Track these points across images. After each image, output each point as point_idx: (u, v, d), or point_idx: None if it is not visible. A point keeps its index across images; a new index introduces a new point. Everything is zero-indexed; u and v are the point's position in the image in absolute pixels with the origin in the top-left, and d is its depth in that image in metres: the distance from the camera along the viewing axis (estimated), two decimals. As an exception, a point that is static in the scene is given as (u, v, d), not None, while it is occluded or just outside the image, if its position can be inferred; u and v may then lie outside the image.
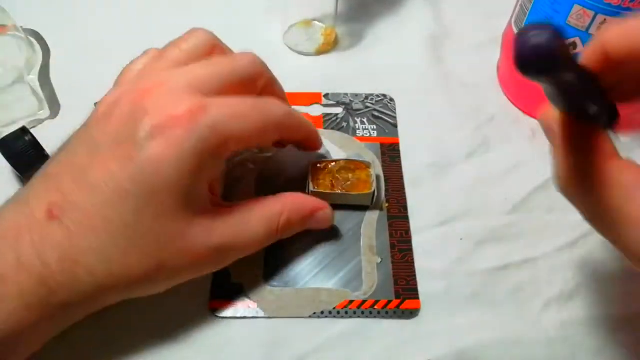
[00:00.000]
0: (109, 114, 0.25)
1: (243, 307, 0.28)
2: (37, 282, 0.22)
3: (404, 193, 0.33)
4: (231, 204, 0.27)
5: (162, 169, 0.23)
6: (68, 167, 0.24)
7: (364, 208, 0.32)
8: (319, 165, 0.32)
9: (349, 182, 0.32)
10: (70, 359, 0.26)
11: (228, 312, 0.28)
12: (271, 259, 0.30)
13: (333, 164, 0.32)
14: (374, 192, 0.32)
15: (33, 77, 0.39)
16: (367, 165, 0.32)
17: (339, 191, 0.31)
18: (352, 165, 0.32)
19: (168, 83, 0.25)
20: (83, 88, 0.28)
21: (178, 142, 0.23)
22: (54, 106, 0.37)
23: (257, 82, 0.28)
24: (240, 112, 0.25)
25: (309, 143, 0.31)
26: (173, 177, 0.23)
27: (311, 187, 0.31)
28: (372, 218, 0.32)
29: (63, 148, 0.26)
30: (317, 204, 0.29)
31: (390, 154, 0.35)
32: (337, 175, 0.32)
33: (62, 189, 0.23)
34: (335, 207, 0.31)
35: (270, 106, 0.27)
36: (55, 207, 0.23)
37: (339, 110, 0.38)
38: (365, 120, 0.37)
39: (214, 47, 0.28)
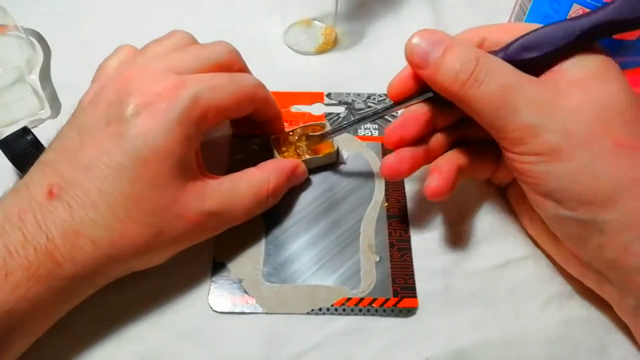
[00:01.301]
0: (95, 100, 0.26)
1: (242, 302, 0.28)
2: (43, 255, 0.23)
3: (404, 192, 0.33)
4: (219, 176, 0.29)
5: (151, 140, 0.25)
6: (61, 152, 0.26)
7: (331, 167, 0.34)
8: (278, 137, 0.34)
9: (311, 147, 0.33)
10: (69, 351, 0.27)
11: (227, 307, 0.28)
12: (270, 255, 0.30)
13: (291, 134, 0.34)
14: (338, 149, 0.34)
15: (34, 77, 0.39)
16: (322, 127, 0.34)
17: (307, 157, 0.33)
18: (309, 130, 0.34)
19: (148, 67, 0.27)
20: (84, 87, 0.28)
21: (163, 115, 0.25)
22: (55, 106, 0.38)
23: (232, 68, 0.30)
24: (217, 84, 0.27)
25: (276, 122, 0.33)
26: (162, 147, 0.25)
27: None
28: (371, 217, 0.32)
29: (55, 139, 0.27)
30: (293, 163, 0.32)
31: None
32: (298, 144, 0.33)
33: (59, 172, 0.25)
34: (309, 172, 0.33)
35: (244, 78, 0.29)
36: (55, 188, 0.24)
37: (340, 109, 0.38)
38: (366, 119, 0.37)
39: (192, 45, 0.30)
